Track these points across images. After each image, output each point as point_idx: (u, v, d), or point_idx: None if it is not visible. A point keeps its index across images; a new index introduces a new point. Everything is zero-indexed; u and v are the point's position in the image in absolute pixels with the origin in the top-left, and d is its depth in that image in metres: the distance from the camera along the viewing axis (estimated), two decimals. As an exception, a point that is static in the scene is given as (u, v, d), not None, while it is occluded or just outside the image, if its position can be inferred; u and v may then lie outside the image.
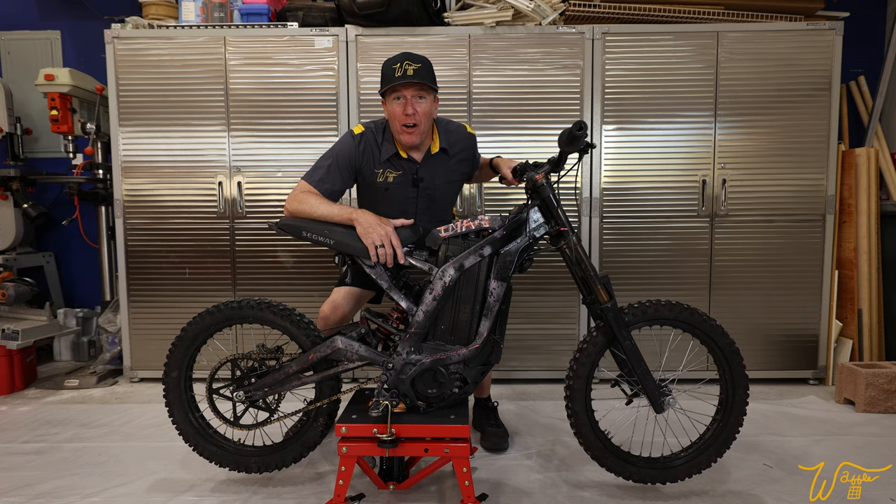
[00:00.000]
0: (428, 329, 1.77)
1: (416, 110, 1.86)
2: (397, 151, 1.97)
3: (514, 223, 1.76)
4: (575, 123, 1.67)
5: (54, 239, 3.73)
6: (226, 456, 1.87)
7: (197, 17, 2.96)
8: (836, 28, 2.80)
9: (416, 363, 1.74)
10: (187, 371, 1.88)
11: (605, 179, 2.88)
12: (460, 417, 1.72)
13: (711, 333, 1.79)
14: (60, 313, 3.35)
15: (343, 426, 1.67)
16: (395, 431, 1.66)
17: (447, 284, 1.73)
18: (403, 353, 1.75)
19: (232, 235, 2.94)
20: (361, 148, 1.97)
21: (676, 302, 1.80)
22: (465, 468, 1.66)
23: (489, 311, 1.75)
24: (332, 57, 2.86)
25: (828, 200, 2.87)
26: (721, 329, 1.80)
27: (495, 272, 1.74)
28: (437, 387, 1.75)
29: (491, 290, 1.75)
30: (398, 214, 1.98)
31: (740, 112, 2.85)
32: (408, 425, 1.68)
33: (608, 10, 2.84)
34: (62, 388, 2.95)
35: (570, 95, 2.85)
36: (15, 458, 2.14)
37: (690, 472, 1.81)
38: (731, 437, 1.81)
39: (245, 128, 2.90)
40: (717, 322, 1.81)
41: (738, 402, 1.81)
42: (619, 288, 2.91)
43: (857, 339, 2.93)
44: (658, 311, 1.79)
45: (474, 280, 1.75)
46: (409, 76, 1.84)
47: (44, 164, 3.64)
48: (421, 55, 1.91)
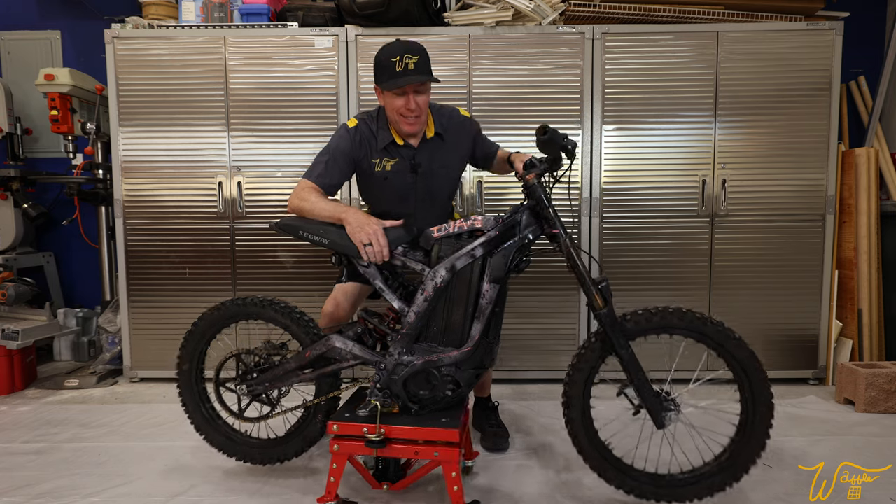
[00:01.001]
0: (420, 330, 1.76)
1: (417, 103, 1.86)
2: (394, 139, 1.97)
3: (507, 224, 1.72)
4: (538, 129, 1.65)
5: (54, 239, 3.73)
6: (233, 446, 1.95)
7: (197, 17, 2.96)
8: (836, 28, 2.80)
9: (408, 364, 1.73)
10: (198, 364, 1.97)
11: (604, 179, 2.88)
12: (453, 421, 1.68)
13: (727, 345, 1.61)
14: (60, 313, 3.35)
15: (335, 424, 1.68)
16: (385, 432, 1.65)
17: (438, 286, 1.71)
18: (395, 354, 1.75)
19: (232, 235, 2.94)
20: (357, 140, 1.96)
21: (687, 310, 1.64)
22: (454, 473, 1.62)
23: (481, 314, 1.71)
24: (332, 57, 2.86)
25: (828, 200, 2.87)
26: (740, 341, 1.62)
27: (488, 274, 1.70)
28: (428, 389, 1.72)
29: (483, 292, 1.71)
30: (398, 203, 2.01)
31: (740, 112, 2.85)
32: (397, 426, 1.66)
33: (608, 10, 2.84)
34: (62, 388, 2.95)
35: (570, 95, 2.84)
36: (15, 458, 2.14)
37: (700, 495, 1.65)
38: (751, 459, 1.62)
39: (245, 128, 2.90)
40: (735, 334, 1.62)
41: (761, 421, 1.61)
42: (619, 288, 2.91)
43: (857, 339, 2.93)
44: (665, 318, 1.63)
45: (467, 282, 1.71)
46: (410, 71, 1.80)
47: (44, 164, 3.64)
48: (417, 44, 1.86)
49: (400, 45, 1.84)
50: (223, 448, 1.95)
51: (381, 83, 1.87)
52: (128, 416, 2.55)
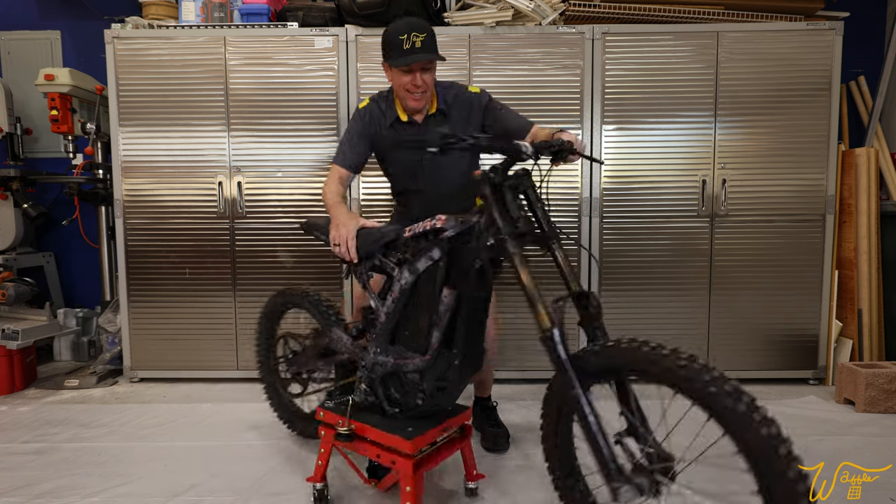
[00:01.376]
0: (392, 331, 1.73)
1: (423, 80, 1.90)
2: (398, 116, 2.03)
3: (464, 225, 1.54)
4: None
5: (54, 239, 3.73)
6: (290, 418, 2.26)
7: (197, 17, 2.96)
8: (836, 28, 2.80)
9: (383, 364, 1.70)
10: (269, 341, 2.30)
11: (605, 179, 2.88)
12: (417, 431, 1.59)
13: (728, 417, 1.03)
14: (60, 313, 3.35)
15: (321, 411, 1.74)
16: (354, 428, 1.66)
17: (403, 287, 1.65)
18: (371, 353, 1.74)
19: (232, 235, 2.94)
20: (367, 119, 2.06)
21: (673, 349, 1.13)
22: (409, 487, 1.54)
23: (440, 321, 1.57)
24: (332, 57, 2.86)
25: (828, 200, 2.87)
26: (749, 414, 1.01)
27: (450, 278, 1.56)
28: (400, 393, 1.68)
29: (441, 298, 1.57)
30: (409, 181, 2.09)
31: (740, 112, 2.85)
32: (368, 426, 1.65)
33: (608, 10, 2.84)
34: (62, 388, 2.95)
35: (570, 95, 2.84)
36: (15, 458, 2.14)
37: None
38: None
39: (245, 128, 2.90)
40: (747, 400, 1.03)
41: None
42: (619, 288, 2.91)
43: (857, 339, 2.93)
44: (637, 358, 1.16)
45: (430, 285, 1.60)
46: (418, 49, 1.84)
47: (44, 164, 3.64)
48: (423, 22, 1.88)
49: (407, 22, 1.86)
50: (282, 418, 2.28)
51: (388, 59, 1.91)
52: (128, 416, 2.55)
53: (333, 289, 2.92)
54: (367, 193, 2.90)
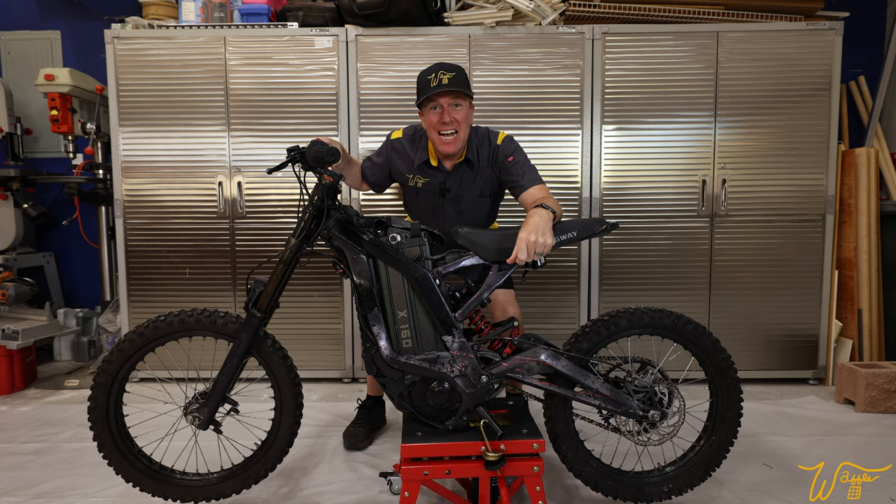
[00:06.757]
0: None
1: (453, 118, 1.91)
2: (428, 159, 2.04)
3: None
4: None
5: (54, 239, 3.73)
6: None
7: (197, 17, 2.96)
8: (836, 28, 2.80)
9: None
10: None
11: (605, 179, 2.88)
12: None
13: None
14: (60, 313, 3.35)
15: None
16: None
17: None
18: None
19: (232, 235, 2.94)
20: (392, 155, 2.11)
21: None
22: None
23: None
24: (332, 57, 2.86)
25: (828, 200, 2.87)
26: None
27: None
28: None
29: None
30: (430, 219, 2.09)
31: (740, 112, 2.85)
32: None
33: (608, 10, 2.84)
34: (62, 388, 2.95)
35: (570, 95, 2.85)
36: (15, 458, 2.14)
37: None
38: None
39: (245, 128, 2.90)
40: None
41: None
42: (619, 288, 2.92)
43: (857, 339, 2.93)
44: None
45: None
46: (444, 85, 1.87)
47: (44, 164, 3.64)
48: (454, 64, 1.96)
49: (437, 64, 1.95)
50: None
51: (418, 99, 1.96)
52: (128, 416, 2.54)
53: (333, 289, 2.92)
54: (367, 193, 2.90)
